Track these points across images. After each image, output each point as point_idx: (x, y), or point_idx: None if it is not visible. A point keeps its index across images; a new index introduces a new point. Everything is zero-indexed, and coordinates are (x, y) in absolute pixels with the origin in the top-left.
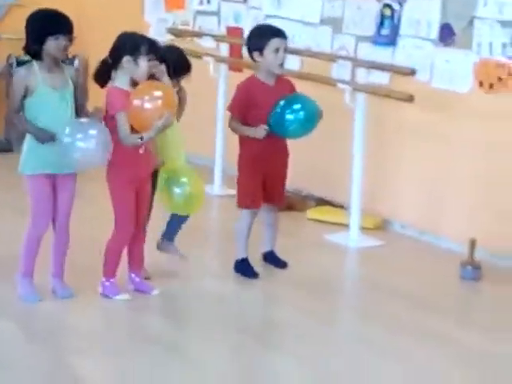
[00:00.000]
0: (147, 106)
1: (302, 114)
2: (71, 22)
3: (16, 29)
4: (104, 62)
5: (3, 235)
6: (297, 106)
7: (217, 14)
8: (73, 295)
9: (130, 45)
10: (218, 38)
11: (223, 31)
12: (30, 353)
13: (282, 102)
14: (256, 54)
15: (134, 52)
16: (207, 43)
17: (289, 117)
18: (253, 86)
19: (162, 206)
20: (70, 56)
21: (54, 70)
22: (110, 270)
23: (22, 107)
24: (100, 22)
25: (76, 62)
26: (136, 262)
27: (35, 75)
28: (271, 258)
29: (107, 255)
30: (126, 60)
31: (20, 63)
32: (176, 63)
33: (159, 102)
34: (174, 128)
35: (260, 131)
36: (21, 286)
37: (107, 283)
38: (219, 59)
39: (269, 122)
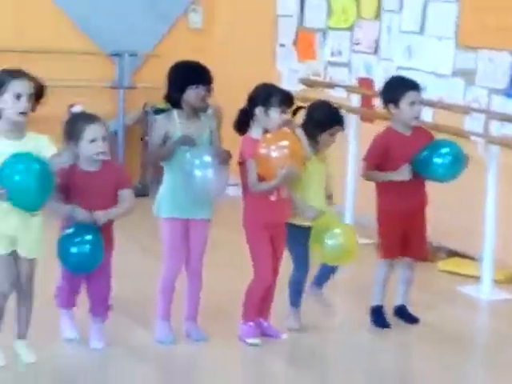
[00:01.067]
0: (273, 154)
1: (449, 157)
2: (211, 74)
3: (152, 78)
4: (242, 112)
5: (138, 278)
6: (445, 150)
7: (348, 65)
8: (206, 338)
9: (262, 96)
10: (349, 89)
11: (354, 82)
12: None
13: (429, 145)
14: (391, 106)
15: (266, 103)
16: (338, 94)
17: (437, 160)
18: (390, 137)
19: (313, 256)
20: None
21: (192, 118)
22: (248, 313)
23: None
24: (232, 72)
25: (209, 111)
26: (265, 306)
27: (174, 122)
28: (402, 313)
29: (247, 299)
30: (259, 111)
31: (157, 111)
32: (326, 117)
33: (285, 151)
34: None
35: (404, 171)
36: (158, 328)
37: (245, 326)
38: (350, 110)
39: (412, 162)
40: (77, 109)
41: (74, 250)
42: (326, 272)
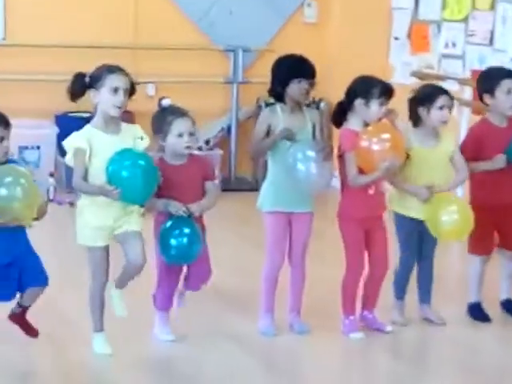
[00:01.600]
0: (374, 147)
1: None
2: (314, 68)
3: (265, 73)
4: (340, 104)
5: (246, 270)
6: None
7: (462, 57)
8: (309, 331)
9: (362, 88)
10: (461, 81)
11: (467, 74)
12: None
13: None
14: (487, 97)
15: (366, 95)
16: (451, 86)
17: None
18: (484, 129)
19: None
20: (316, 99)
21: (295, 111)
22: (347, 307)
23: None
24: (345, 66)
25: (322, 105)
26: (369, 299)
27: (277, 116)
28: (509, 307)
29: (343, 293)
30: (358, 103)
31: (268, 105)
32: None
33: (387, 144)
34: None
35: (499, 160)
36: (261, 320)
37: (346, 321)
38: (462, 102)
39: (507, 152)
40: (166, 102)
41: (173, 242)
42: (426, 286)
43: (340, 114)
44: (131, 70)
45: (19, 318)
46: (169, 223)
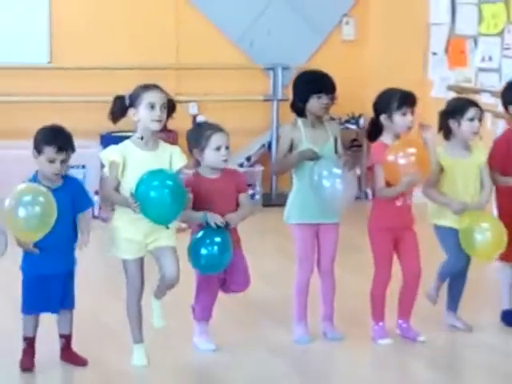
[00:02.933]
0: (400, 161)
1: None
2: (333, 82)
3: None
4: (372, 122)
5: (286, 282)
6: None
7: (498, 70)
8: (342, 338)
9: (382, 103)
10: (496, 94)
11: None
12: None
13: None
14: (511, 108)
15: (387, 109)
16: (487, 99)
17: None
18: (509, 139)
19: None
20: (355, 115)
21: (316, 126)
22: (376, 313)
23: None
24: (383, 81)
25: (361, 121)
26: (404, 308)
27: (299, 131)
28: None
29: (372, 300)
30: (383, 118)
31: None
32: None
33: (411, 158)
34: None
35: None
36: (295, 329)
37: (376, 327)
38: (497, 115)
39: None
40: (201, 118)
41: (203, 251)
42: (456, 294)
43: (374, 131)
44: (173, 89)
45: (67, 351)
46: (200, 234)
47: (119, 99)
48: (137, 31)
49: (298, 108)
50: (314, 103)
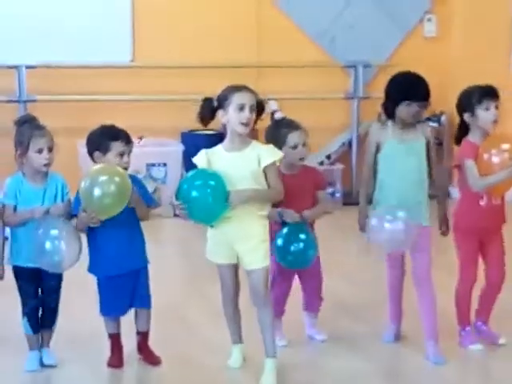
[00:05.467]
0: (494, 159)
1: None
2: (427, 89)
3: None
4: (459, 124)
5: (367, 281)
6: None
7: None
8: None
9: (463, 101)
10: None
11: None
12: None
13: None
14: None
15: (469, 107)
16: None
17: None
18: None
19: None
20: (437, 112)
21: (407, 128)
22: (461, 318)
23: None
24: (466, 79)
25: (443, 119)
26: (483, 310)
27: (387, 132)
28: None
29: (457, 304)
30: (467, 117)
31: None
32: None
33: (506, 154)
34: None
35: None
36: (386, 330)
37: (463, 332)
38: None
39: None
40: (279, 115)
41: (290, 248)
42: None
43: (461, 133)
44: (254, 88)
45: (143, 348)
46: (285, 230)
47: (208, 101)
48: (218, 30)
49: (389, 111)
50: (403, 110)
